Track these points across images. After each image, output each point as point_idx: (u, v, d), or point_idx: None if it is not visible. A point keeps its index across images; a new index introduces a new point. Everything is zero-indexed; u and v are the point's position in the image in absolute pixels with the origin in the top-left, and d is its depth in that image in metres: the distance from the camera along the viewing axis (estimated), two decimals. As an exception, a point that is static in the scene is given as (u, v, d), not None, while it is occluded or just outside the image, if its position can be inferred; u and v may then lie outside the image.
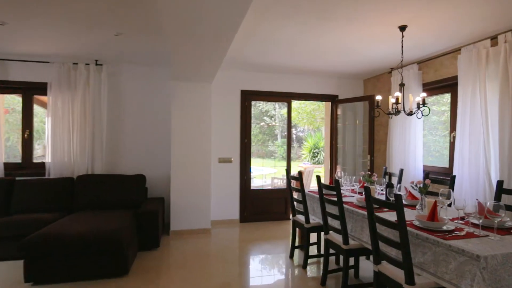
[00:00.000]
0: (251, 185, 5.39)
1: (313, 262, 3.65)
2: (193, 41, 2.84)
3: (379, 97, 3.26)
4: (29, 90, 4.59)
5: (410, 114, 3.14)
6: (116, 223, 3.38)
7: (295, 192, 3.77)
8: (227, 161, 5.21)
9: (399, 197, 1.93)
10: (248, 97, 5.28)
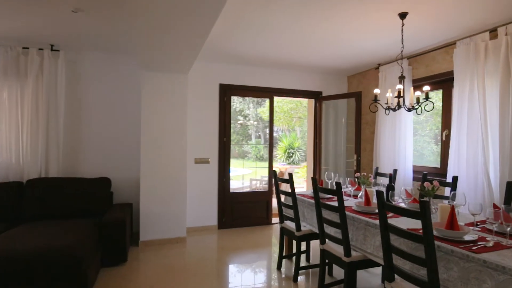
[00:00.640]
0: (230, 187, 4.95)
1: (302, 273, 3.29)
2: (167, 22, 2.38)
3: (377, 90, 2.98)
4: (-34, 78, 3.85)
5: (410, 109, 2.88)
6: (73, 236, 2.83)
7: (282, 195, 3.39)
8: (204, 161, 4.74)
9: (427, 204, 1.61)
10: (227, 92, 4.85)
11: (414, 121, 4.19)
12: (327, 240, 2.65)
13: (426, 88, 2.73)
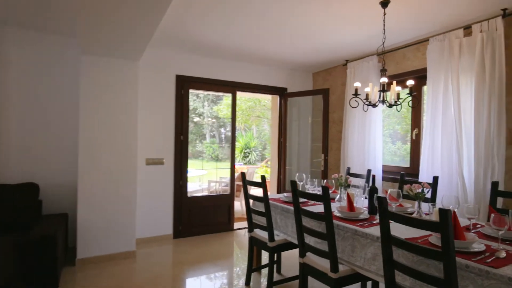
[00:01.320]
0: (188, 191, 4.42)
1: None
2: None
3: (357, 84, 2.72)
4: None
5: (391, 106, 2.66)
6: (-20, 262, 2.12)
7: (252, 200, 2.99)
8: (158, 162, 4.15)
9: (448, 213, 1.32)
10: (185, 85, 4.31)
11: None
12: (309, 253, 2.31)
13: (410, 82, 2.53)
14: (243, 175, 2.93)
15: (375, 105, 2.72)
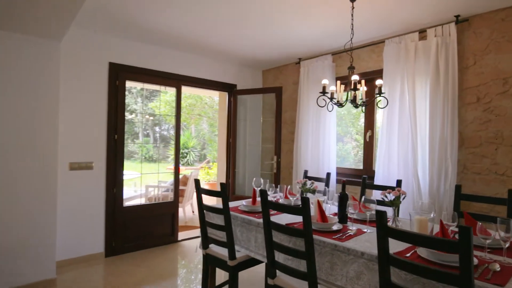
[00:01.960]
0: (124, 200, 3.78)
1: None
2: None
3: (325, 81, 2.51)
4: None
5: (357, 106, 2.52)
6: None
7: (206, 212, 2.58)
8: (86, 167, 3.45)
9: (470, 231, 1.13)
10: (121, 74, 3.67)
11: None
12: (278, 271, 2.01)
13: (379, 82, 2.40)
14: (197, 182, 2.51)
15: (342, 105, 2.54)
